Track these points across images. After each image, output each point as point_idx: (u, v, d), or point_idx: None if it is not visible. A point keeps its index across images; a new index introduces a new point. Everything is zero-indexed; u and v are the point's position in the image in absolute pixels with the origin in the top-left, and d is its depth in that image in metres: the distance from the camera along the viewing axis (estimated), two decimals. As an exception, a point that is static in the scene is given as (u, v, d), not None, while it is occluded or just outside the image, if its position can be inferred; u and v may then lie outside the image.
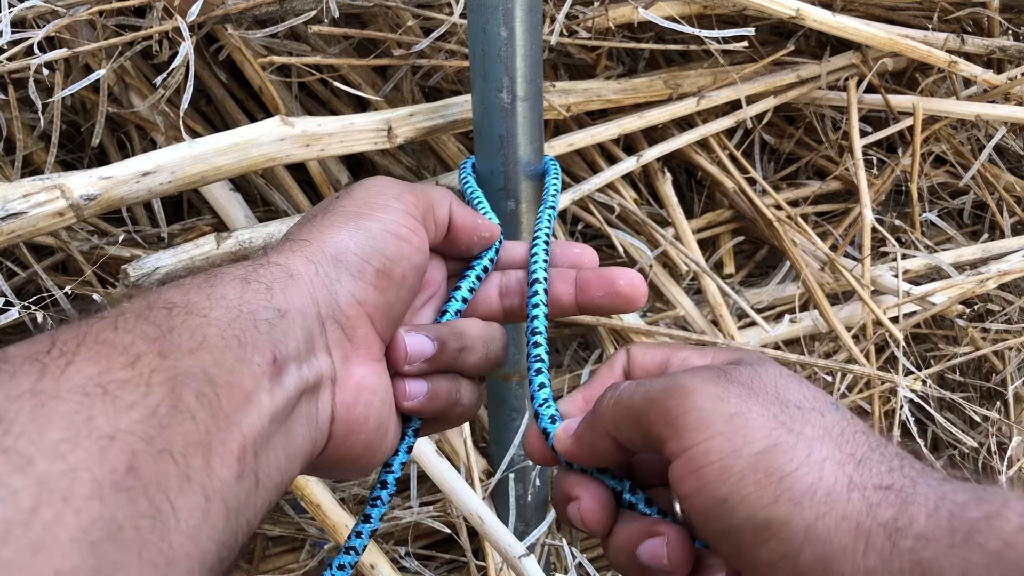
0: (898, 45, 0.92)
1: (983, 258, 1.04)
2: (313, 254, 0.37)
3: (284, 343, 0.34)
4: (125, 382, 0.28)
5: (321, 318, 0.36)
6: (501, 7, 0.55)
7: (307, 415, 0.35)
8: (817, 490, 0.29)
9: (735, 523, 0.30)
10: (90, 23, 0.72)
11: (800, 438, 0.31)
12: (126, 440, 0.26)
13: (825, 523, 0.29)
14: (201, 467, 0.28)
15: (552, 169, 0.60)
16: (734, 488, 0.30)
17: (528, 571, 0.67)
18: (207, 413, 0.29)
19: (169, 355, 0.30)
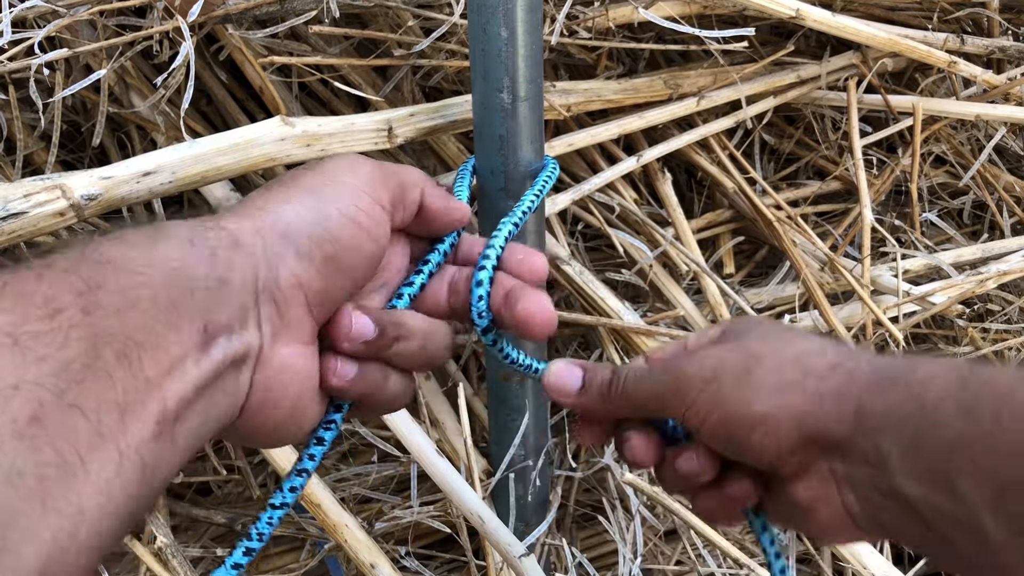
0: (898, 45, 0.92)
1: (983, 258, 1.04)
2: (264, 226, 0.36)
3: (217, 313, 0.33)
4: (39, 334, 0.27)
5: (257, 292, 0.35)
6: (501, 7, 0.55)
7: (227, 386, 0.35)
8: (782, 385, 0.38)
9: (731, 430, 0.39)
10: (91, 23, 0.72)
11: (764, 358, 0.40)
12: (32, 391, 0.26)
13: (792, 400, 0.38)
14: (115, 425, 0.28)
15: (545, 170, 0.58)
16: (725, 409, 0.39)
17: (528, 571, 0.67)
18: (127, 373, 0.29)
19: (93, 312, 0.29)
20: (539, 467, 0.82)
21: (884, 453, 0.36)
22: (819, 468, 0.39)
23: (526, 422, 0.78)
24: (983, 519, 0.32)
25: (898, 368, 0.38)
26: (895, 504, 0.36)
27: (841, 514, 0.39)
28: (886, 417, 0.36)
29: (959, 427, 0.33)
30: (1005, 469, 0.32)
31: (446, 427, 0.84)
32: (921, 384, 0.36)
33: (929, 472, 0.34)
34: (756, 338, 0.42)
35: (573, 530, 0.94)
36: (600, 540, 0.96)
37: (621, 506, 0.86)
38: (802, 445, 0.38)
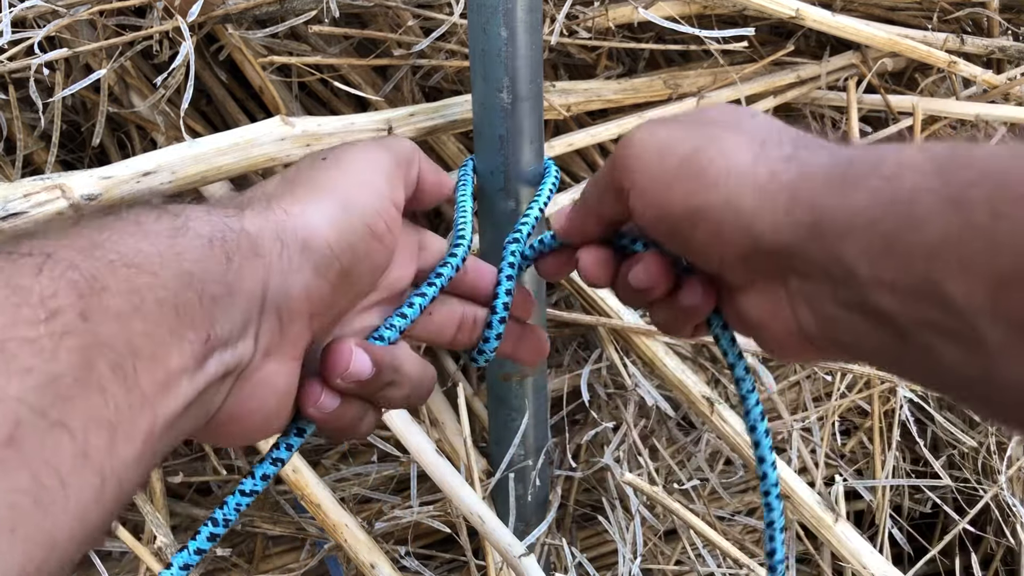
0: (898, 45, 0.92)
1: (983, 258, 1.04)
2: (285, 232, 0.35)
3: (221, 324, 0.32)
4: (29, 341, 0.25)
5: (264, 304, 0.34)
6: (501, 7, 0.55)
7: (208, 398, 0.33)
8: (730, 172, 0.34)
9: (673, 220, 0.36)
10: (90, 23, 0.72)
11: (715, 140, 0.36)
12: (11, 408, 0.24)
13: (738, 195, 0.34)
14: (103, 446, 0.26)
15: (547, 178, 0.57)
16: (666, 193, 0.36)
17: (528, 571, 0.67)
18: (121, 388, 0.27)
19: (92, 316, 0.27)
20: (539, 467, 0.82)
21: (849, 264, 0.31)
22: (769, 280, 0.35)
23: (526, 422, 0.78)
24: (979, 325, 0.27)
25: (862, 160, 0.32)
26: (864, 319, 0.32)
27: (794, 332, 0.35)
28: (851, 221, 0.31)
29: (944, 222, 0.28)
30: (1009, 264, 0.27)
31: (446, 427, 0.84)
32: (892, 177, 0.31)
33: (909, 279, 0.29)
34: (715, 119, 0.38)
35: (573, 530, 0.94)
36: (600, 540, 0.96)
37: (621, 506, 0.86)
38: (751, 254, 0.34)
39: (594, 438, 0.91)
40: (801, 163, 0.34)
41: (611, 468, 0.83)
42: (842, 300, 0.32)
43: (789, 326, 0.35)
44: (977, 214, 0.27)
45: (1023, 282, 0.26)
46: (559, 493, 0.88)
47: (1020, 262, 0.26)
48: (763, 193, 0.33)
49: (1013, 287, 0.26)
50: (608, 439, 0.88)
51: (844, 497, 0.81)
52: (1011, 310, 0.27)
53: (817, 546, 0.93)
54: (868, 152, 0.33)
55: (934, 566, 0.98)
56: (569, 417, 0.93)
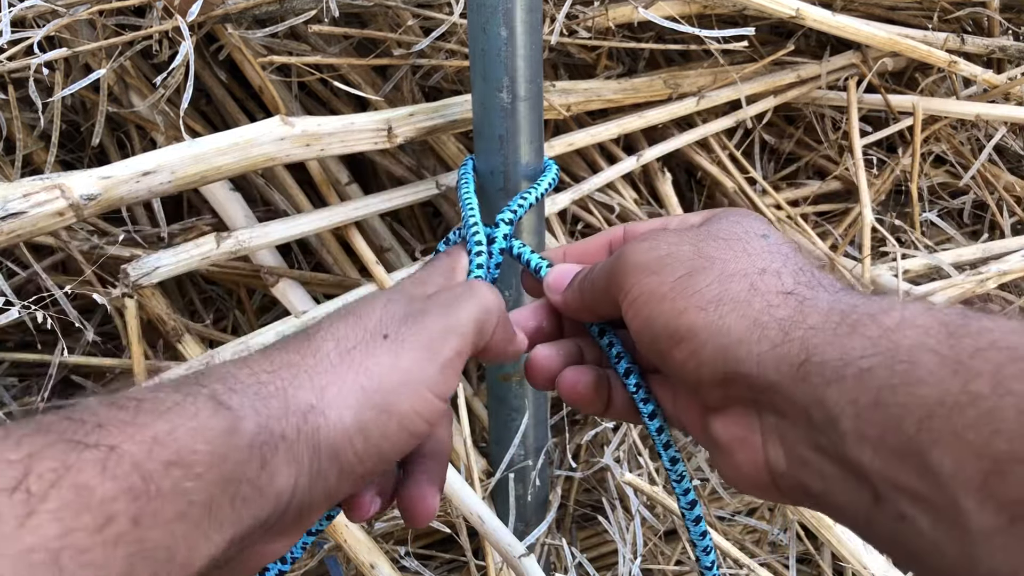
0: (898, 45, 0.92)
1: (983, 258, 1.04)
2: (320, 437, 0.34)
3: (245, 525, 0.32)
4: (84, 551, 0.25)
5: (288, 504, 0.34)
6: (501, 7, 0.55)
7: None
8: (723, 298, 0.34)
9: (656, 333, 0.36)
10: (90, 23, 0.72)
11: (716, 262, 0.35)
12: None
13: (726, 321, 0.33)
14: None
15: (546, 172, 0.56)
16: (656, 307, 0.35)
17: (528, 571, 0.67)
18: None
19: (142, 522, 0.27)
20: (539, 467, 0.82)
21: (832, 412, 0.29)
22: (745, 409, 0.34)
23: (526, 422, 0.78)
24: (963, 503, 0.25)
25: (865, 307, 0.31)
26: (838, 470, 0.30)
27: (760, 467, 0.33)
28: (841, 368, 0.29)
29: (942, 386, 0.27)
30: (1006, 442, 0.24)
31: (446, 427, 0.83)
32: (894, 330, 0.29)
33: (894, 438, 0.28)
34: (720, 237, 0.37)
35: (573, 530, 0.94)
36: (600, 540, 0.96)
37: (621, 506, 0.86)
38: (729, 380, 0.33)
39: (594, 438, 0.91)
40: (799, 299, 0.33)
41: (611, 468, 0.83)
42: (818, 446, 0.31)
43: (757, 458, 0.34)
44: (979, 384, 0.26)
45: (1020, 466, 0.24)
46: (559, 493, 0.88)
47: (1018, 444, 0.24)
48: (754, 324, 0.33)
49: (1007, 469, 0.24)
50: (608, 439, 0.88)
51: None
52: (1002, 493, 0.25)
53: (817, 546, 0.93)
54: (871, 300, 0.31)
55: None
56: (569, 417, 0.93)
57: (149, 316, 0.79)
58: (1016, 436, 0.24)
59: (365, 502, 0.38)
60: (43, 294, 0.71)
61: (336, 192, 0.85)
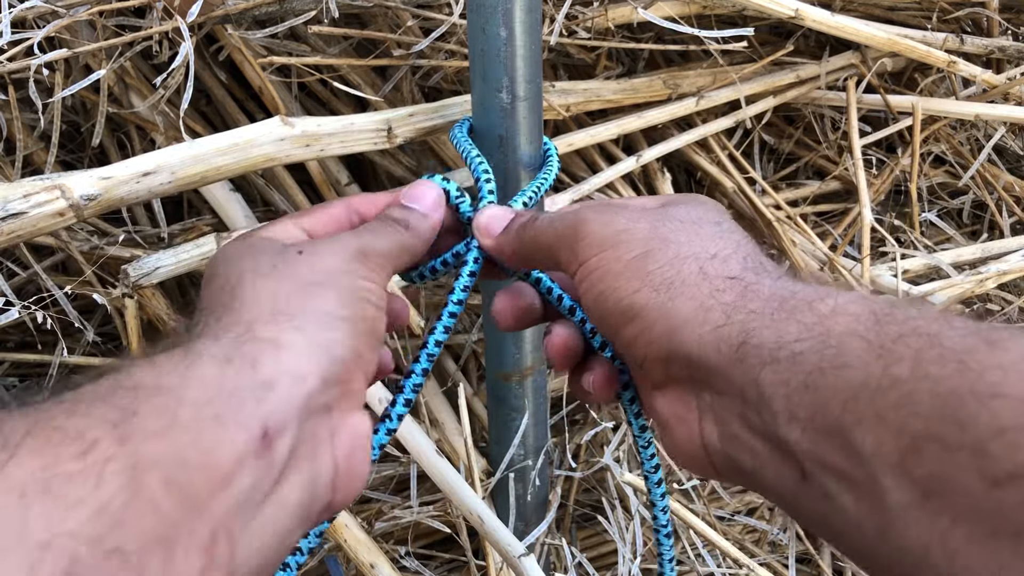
0: (897, 45, 0.92)
1: (982, 258, 1.04)
2: (301, 324, 0.36)
3: (275, 415, 0.32)
4: (74, 475, 0.25)
5: (324, 378, 0.35)
6: (500, 7, 0.55)
7: (306, 476, 0.34)
8: (674, 281, 0.35)
9: (608, 309, 0.37)
10: (90, 23, 0.72)
11: (670, 244, 0.37)
12: (66, 545, 0.24)
13: (675, 303, 0.35)
14: (159, 564, 0.26)
15: (548, 162, 0.58)
16: (611, 284, 0.37)
17: (528, 571, 0.67)
18: (175, 502, 0.27)
19: (130, 440, 0.27)
20: (539, 467, 0.82)
21: (766, 392, 0.31)
22: (685, 387, 0.36)
23: (526, 422, 0.78)
24: (882, 479, 0.27)
25: (803, 294, 0.33)
26: (768, 448, 0.32)
27: (697, 444, 0.35)
28: (776, 350, 0.31)
29: (867, 370, 0.28)
30: (922, 422, 0.26)
31: (446, 427, 0.84)
32: (827, 316, 0.31)
33: (820, 419, 0.29)
34: (676, 220, 0.38)
35: (573, 530, 0.94)
36: (600, 540, 0.96)
37: (621, 506, 0.86)
38: (672, 358, 0.35)
39: (594, 438, 0.91)
40: (744, 284, 0.35)
41: (611, 468, 0.83)
42: (750, 424, 0.32)
43: (693, 435, 0.35)
44: (900, 368, 0.27)
45: (934, 443, 0.26)
46: (559, 493, 0.88)
47: (934, 423, 0.26)
48: (700, 307, 0.34)
49: (923, 448, 0.26)
50: (608, 439, 0.88)
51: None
52: (918, 470, 0.26)
53: (817, 546, 0.93)
54: (809, 287, 0.33)
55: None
56: (569, 417, 0.93)
57: (149, 316, 0.79)
58: (931, 416, 0.26)
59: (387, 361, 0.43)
60: (43, 294, 0.71)
61: (336, 192, 0.85)
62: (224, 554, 0.29)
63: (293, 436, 0.33)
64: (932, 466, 0.26)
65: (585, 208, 0.40)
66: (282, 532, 0.32)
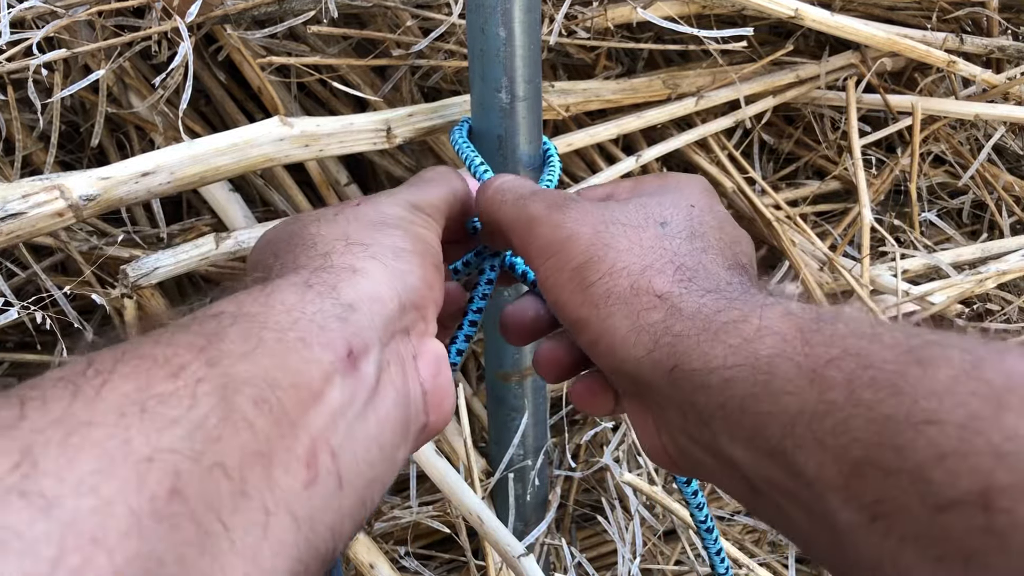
0: (897, 45, 0.92)
1: (982, 258, 1.04)
2: (376, 252, 0.37)
3: (359, 335, 0.33)
4: (167, 396, 0.26)
5: (401, 302, 0.36)
6: (500, 7, 0.55)
7: (397, 395, 0.34)
8: (610, 296, 0.36)
9: (563, 318, 0.38)
10: (89, 23, 0.72)
11: (609, 251, 0.37)
12: (168, 460, 0.24)
13: (613, 321, 0.35)
14: (260, 479, 0.26)
15: (549, 162, 0.59)
16: (559, 296, 0.38)
17: (527, 571, 0.67)
18: (268, 420, 0.27)
19: (218, 363, 0.28)
20: (538, 467, 0.82)
21: (703, 414, 0.31)
22: (636, 399, 0.36)
23: (525, 422, 0.78)
24: (829, 501, 0.27)
25: (727, 313, 0.32)
26: (716, 463, 0.32)
27: (659, 448, 0.36)
28: (706, 375, 0.31)
29: (801, 395, 0.28)
30: (861, 449, 0.26)
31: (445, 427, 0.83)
32: (752, 339, 0.30)
33: (761, 441, 0.29)
34: (622, 221, 0.38)
35: (572, 530, 0.94)
36: (599, 540, 0.96)
37: (620, 506, 0.86)
38: (618, 375, 0.36)
39: (593, 438, 0.91)
40: (669, 305, 0.34)
41: (610, 468, 0.83)
42: (695, 439, 0.33)
43: (655, 442, 0.36)
44: (834, 394, 0.27)
45: (875, 468, 0.25)
46: (558, 493, 0.88)
47: (872, 450, 0.26)
48: (632, 327, 0.35)
49: (865, 472, 0.26)
50: (607, 439, 0.88)
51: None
52: (863, 494, 0.26)
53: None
54: (732, 304, 0.33)
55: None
56: (568, 417, 0.93)
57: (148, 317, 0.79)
58: (870, 444, 0.26)
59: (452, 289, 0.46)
60: (42, 295, 0.71)
61: (335, 193, 0.85)
62: (328, 466, 0.29)
63: (378, 355, 0.33)
64: (876, 491, 0.26)
65: (537, 200, 0.41)
66: (386, 446, 0.33)
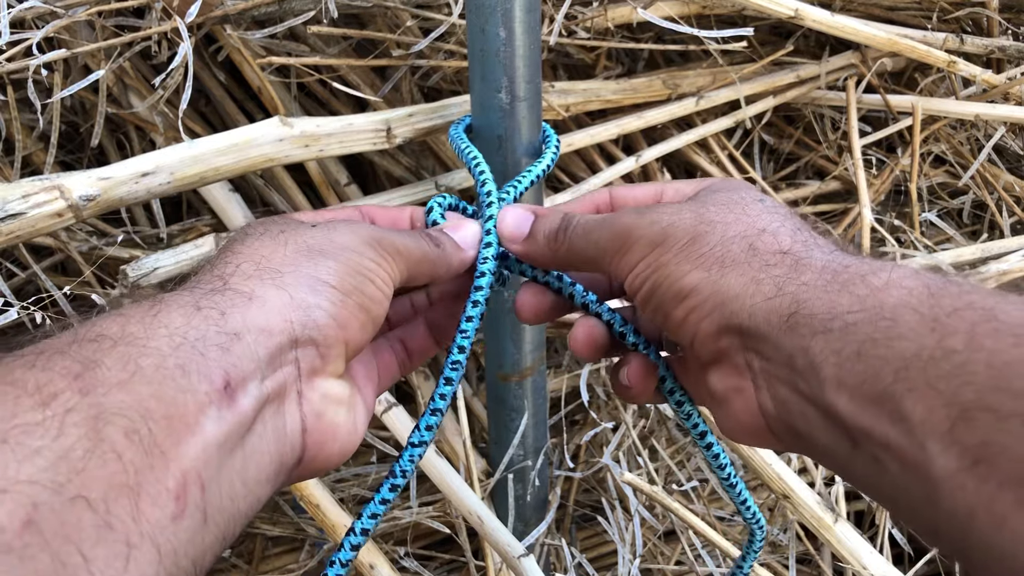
0: (897, 45, 0.92)
1: (982, 258, 1.04)
2: (286, 282, 0.36)
3: (239, 366, 0.32)
4: (33, 426, 0.25)
5: (294, 336, 0.35)
6: (500, 8, 0.55)
7: (272, 431, 0.34)
8: (724, 260, 0.36)
9: (662, 296, 0.38)
10: (89, 24, 0.72)
11: (717, 226, 0.37)
12: (24, 491, 0.24)
13: (726, 279, 0.36)
14: (126, 512, 0.26)
15: (547, 145, 0.58)
16: (663, 274, 0.38)
17: (527, 571, 0.67)
18: (138, 451, 0.27)
19: (92, 391, 0.27)
20: (538, 467, 0.82)
21: (816, 360, 0.32)
22: (737, 358, 0.36)
23: (525, 422, 0.78)
24: (930, 447, 0.27)
25: (856, 267, 0.33)
26: (818, 415, 0.32)
27: (755, 412, 0.36)
28: (828, 321, 0.32)
29: (920, 341, 0.29)
30: (974, 392, 0.26)
31: (445, 427, 0.84)
32: (881, 289, 0.31)
33: (870, 388, 0.30)
34: (719, 203, 0.39)
35: (572, 530, 0.94)
36: (599, 540, 0.96)
37: (620, 506, 0.86)
38: (723, 331, 0.36)
39: (593, 438, 0.91)
40: (795, 258, 0.35)
41: (610, 468, 0.83)
42: (799, 390, 0.33)
43: (751, 405, 0.36)
44: (954, 340, 0.28)
45: (986, 411, 0.26)
46: (558, 493, 0.88)
47: (987, 393, 0.26)
48: (751, 281, 0.35)
49: (975, 417, 0.26)
50: (607, 439, 0.88)
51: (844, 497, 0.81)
52: (966, 439, 0.26)
53: (817, 546, 0.93)
54: (863, 261, 0.34)
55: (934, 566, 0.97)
56: (568, 417, 0.93)
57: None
58: (984, 387, 0.26)
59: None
60: (42, 295, 0.71)
61: (335, 193, 0.85)
62: (196, 500, 0.29)
63: (257, 388, 0.33)
64: (983, 434, 0.26)
65: (625, 214, 0.41)
66: (250, 482, 0.32)
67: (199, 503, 0.29)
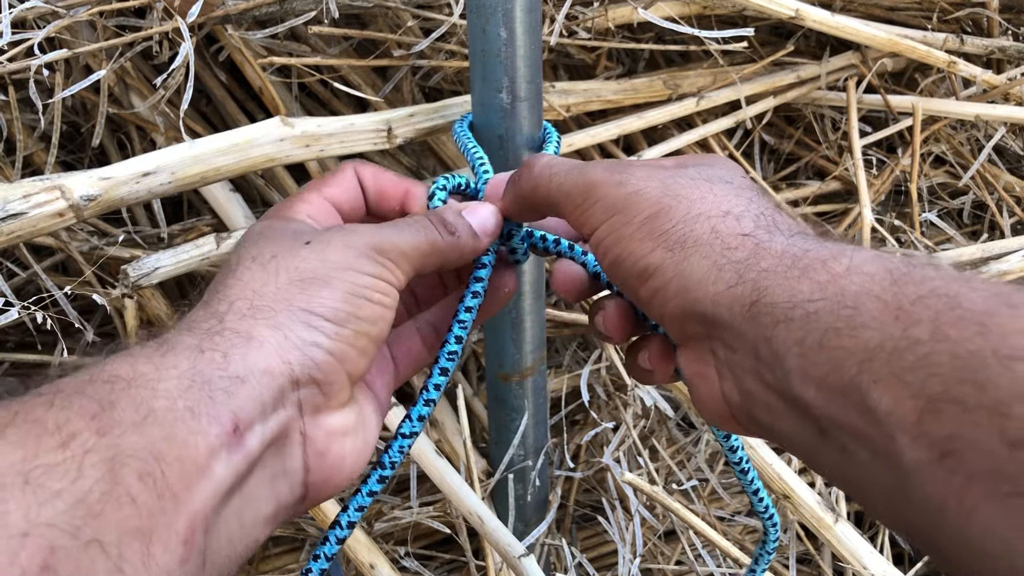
0: (897, 45, 0.92)
1: (983, 258, 1.04)
2: (280, 321, 0.35)
3: (245, 409, 0.32)
4: (53, 467, 0.26)
5: (295, 377, 0.35)
6: (501, 8, 0.55)
7: (272, 474, 0.34)
8: (687, 240, 0.35)
9: (625, 272, 0.37)
10: (90, 24, 0.72)
11: (682, 201, 0.36)
12: (44, 535, 0.24)
13: (688, 262, 0.35)
14: (138, 556, 0.27)
15: (547, 141, 0.58)
16: (625, 247, 0.37)
17: (528, 571, 0.67)
18: (151, 495, 0.28)
19: (108, 432, 0.28)
20: (538, 467, 0.82)
21: (779, 350, 0.31)
22: (702, 345, 0.35)
23: (525, 422, 0.78)
24: (899, 439, 0.27)
25: (817, 252, 0.32)
26: (784, 405, 0.32)
27: (719, 399, 0.35)
28: (789, 309, 0.31)
29: (884, 331, 0.28)
30: (940, 384, 0.26)
31: (445, 427, 0.84)
32: (842, 275, 0.31)
33: (835, 379, 0.29)
34: (690, 177, 0.38)
35: (573, 530, 0.94)
36: (600, 540, 0.96)
37: (621, 506, 0.86)
38: (687, 317, 0.35)
39: (594, 438, 0.91)
40: (756, 242, 0.34)
41: (611, 468, 0.83)
42: (764, 380, 0.32)
43: (715, 391, 0.35)
44: (919, 330, 0.27)
45: (952, 403, 0.26)
46: (559, 493, 0.88)
47: (953, 385, 0.26)
48: (712, 266, 0.34)
49: (941, 409, 0.26)
50: (608, 439, 0.88)
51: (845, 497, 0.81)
52: (935, 430, 0.26)
53: (817, 546, 0.93)
54: (823, 245, 0.33)
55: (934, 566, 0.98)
56: (569, 417, 0.93)
57: (149, 317, 0.79)
58: (949, 379, 0.26)
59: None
60: (43, 295, 0.71)
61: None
62: (200, 544, 0.29)
63: (263, 431, 0.33)
64: (950, 427, 0.26)
65: (595, 167, 0.40)
66: (249, 524, 0.33)
67: (202, 547, 0.29)
